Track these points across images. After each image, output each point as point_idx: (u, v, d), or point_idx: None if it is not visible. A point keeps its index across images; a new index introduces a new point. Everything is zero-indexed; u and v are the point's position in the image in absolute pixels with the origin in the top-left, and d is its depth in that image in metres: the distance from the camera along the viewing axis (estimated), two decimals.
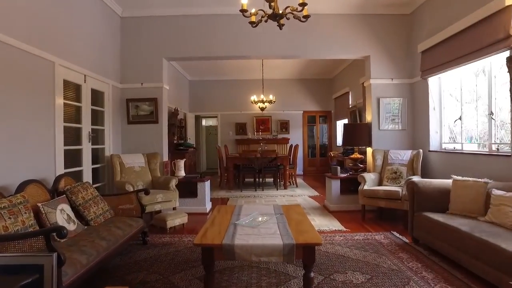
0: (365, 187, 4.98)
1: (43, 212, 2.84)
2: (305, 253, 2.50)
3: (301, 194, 7.31)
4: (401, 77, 5.70)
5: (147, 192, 4.00)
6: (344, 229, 4.48)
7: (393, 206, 4.68)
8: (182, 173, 5.84)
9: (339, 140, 10.95)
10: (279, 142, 11.35)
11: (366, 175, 5.13)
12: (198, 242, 2.56)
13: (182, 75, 10.87)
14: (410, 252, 3.54)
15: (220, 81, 11.62)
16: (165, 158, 5.88)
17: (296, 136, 11.59)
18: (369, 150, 5.75)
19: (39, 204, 2.87)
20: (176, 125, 9.25)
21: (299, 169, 11.44)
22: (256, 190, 7.89)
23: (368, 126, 5.72)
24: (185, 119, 10.76)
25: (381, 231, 4.39)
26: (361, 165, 5.75)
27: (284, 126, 11.61)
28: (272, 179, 8.44)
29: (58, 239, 2.50)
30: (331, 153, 9.82)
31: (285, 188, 8.10)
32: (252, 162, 7.90)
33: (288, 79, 11.63)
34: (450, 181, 3.66)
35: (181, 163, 5.85)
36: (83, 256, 2.53)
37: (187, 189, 5.78)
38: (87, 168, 4.55)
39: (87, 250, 2.63)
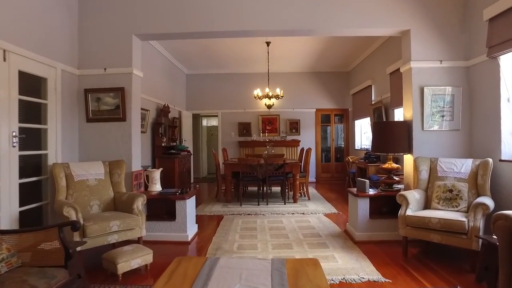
0: (409, 212, 3.48)
1: None
2: None
3: (315, 211, 5.82)
4: (453, 58, 4.18)
5: (74, 228, 2.56)
6: (383, 279, 2.99)
7: (453, 243, 3.17)
8: (157, 187, 4.44)
9: (358, 142, 9.41)
10: (288, 144, 9.87)
11: (408, 194, 3.62)
12: None
13: (178, 69, 9.50)
14: None
15: (220, 75, 10.21)
16: (136, 166, 4.48)
17: (308, 138, 10.10)
18: (408, 158, 4.24)
19: None
20: (166, 125, 7.87)
21: (311, 176, 9.95)
22: (259, 204, 6.44)
23: (407, 126, 4.21)
24: (180, 118, 9.39)
25: (440, 285, 2.89)
26: (396, 178, 4.25)
27: (294, 126, 10.14)
28: (280, 188, 6.96)
29: None
30: (348, 158, 8.32)
31: (295, 201, 6.63)
32: (255, 170, 6.46)
33: (299, 72, 10.15)
34: None
35: (156, 174, 4.44)
36: None
37: (164, 210, 4.37)
38: (7, 184, 3.17)
39: None
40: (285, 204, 6.48)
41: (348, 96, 10.00)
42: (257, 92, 7.44)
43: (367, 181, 4.13)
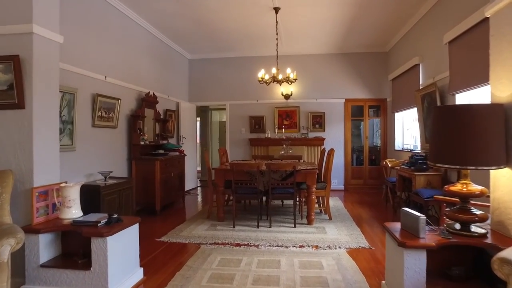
0: None
1: None
2: None
3: (335, 243, 3.96)
4: None
5: None
6: None
7: None
8: (73, 212, 2.81)
9: (399, 142, 7.35)
10: (310, 143, 8.00)
11: None
12: None
13: (177, 53, 7.94)
14: None
15: (227, 60, 8.51)
16: (45, 179, 2.88)
17: (335, 135, 8.17)
18: (505, 174, 2.28)
19: None
20: (151, 119, 6.31)
21: (339, 183, 8.02)
22: (258, 227, 4.69)
23: (501, 113, 2.25)
24: (177, 110, 7.82)
25: None
26: (477, 211, 2.31)
27: (318, 120, 8.23)
28: (292, 201, 5.16)
29: None
30: (386, 161, 6.34)
31: (310, 223, 4.80)
32: (254, 179, 4.72)
33: (323, 54, 8.21)
34: None
35: (72, 192, 2.81)
36: None
37: (76, 250, 2.76)
38: None
39: None
40: (295, 226, 4.67)
41: (386, 82, 7.94)
42: (262, 74, 5.62)
43: (423, 217, 2.23)
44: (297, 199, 5.22)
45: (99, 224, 2.63)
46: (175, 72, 7.84)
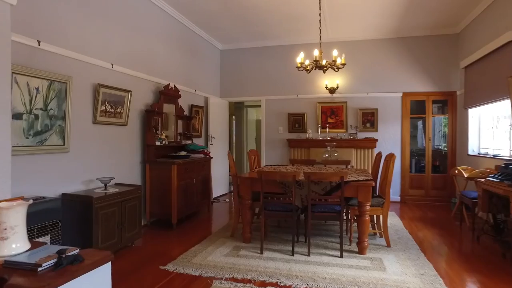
0: None
1: None
2: None
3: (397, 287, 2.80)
4: None
5: None
6: None
7: None
8: (13, 246, 1.93)
9: (474, 144, 5.88)
10: (359, 145, 6.75)
11: None
12: None
13: (207, 42, 7.09)
14: None
15: (263, 49, 7.49)
16: None
17: (389, 136, 6.84)
18: None
19: None
20: (175, 115, 5.48)
21: (394, 193, 6.68)
22: (293, 254, 3.62)
23: None
24: (206, 107, 6.95)
25: None
26: None
27: (369, 118, 6.95)
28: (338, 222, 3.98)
29: None
30: (459, 169, 4.97)
31: (361, 251, 3.63)
32: (289, 192, 3.66)
33: (375, 39, 6.90)
34: None
35: (9, 215, 1.90)
36: None
37: None
38: None
39: None
40: (341, 256, 3.54)
41: (455, 71, 6.46)
42: (301, 58, 4.50)
43: None
44: (345, 218, 4.07)
45: (39, 269, 1.73)
46: (204, 64, 6.98)
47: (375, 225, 4.31)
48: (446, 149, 6.75)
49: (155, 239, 4.22)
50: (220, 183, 7.17)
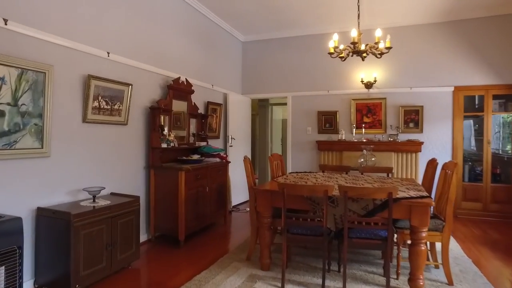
0: None
1: None
2: None
3: None
4: None
5: None
6: None
7: None
8: None
9: None
10: (401, 148, 5.77)
11: None
12: None
13: (227, 33, 6.40)
14: None
15: (289, 40, 6.66)
16: None
17: (438, 137, 5.81)
18: None
19: None
20: (187, 114, 4.80)
21: None
22: (323, 287, 2.81)
23: None
24: (225, 104, 6.24)
25: None
26: None
27: (412, 117, 5.95)
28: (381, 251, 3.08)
29: None
30: None
31: None
32: (319, 210, 2.85)
33: (421, 25, 5.89)
34: None
35: None
36: None
37: None
38: None
39: None
40: None
41: None
42: (335, 40, 3.64)
43: None
44: (393, 246, 3.18)
45: None
46: (223, 57, 6.26)
47: (429, 252, 3.39)
48: (510, 153, 5.62)
49: (157, 260, 3.53)
50: (240, 190, 6.42)
